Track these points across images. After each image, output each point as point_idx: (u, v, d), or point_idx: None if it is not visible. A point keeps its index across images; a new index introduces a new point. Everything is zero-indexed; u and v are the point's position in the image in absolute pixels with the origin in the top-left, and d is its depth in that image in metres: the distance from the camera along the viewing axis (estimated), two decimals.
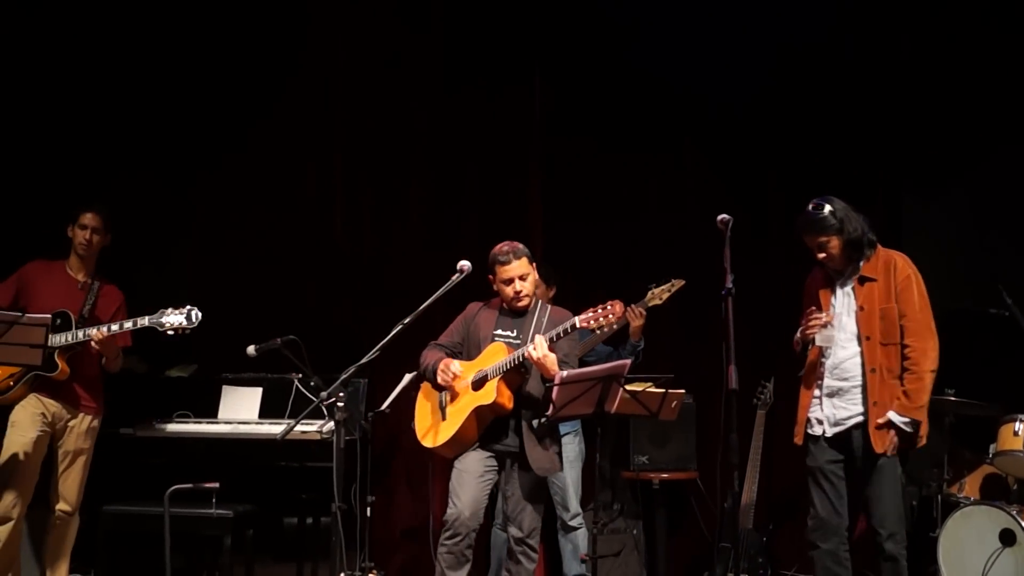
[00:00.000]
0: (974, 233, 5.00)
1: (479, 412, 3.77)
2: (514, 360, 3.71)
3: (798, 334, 3.82)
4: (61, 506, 4.26)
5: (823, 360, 3.76)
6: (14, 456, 4.14)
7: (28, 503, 4.22)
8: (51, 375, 4.17)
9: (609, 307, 3.64)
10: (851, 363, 3.71)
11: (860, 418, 3.69)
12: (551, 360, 3.64)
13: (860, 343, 3.70)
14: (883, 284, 3.70)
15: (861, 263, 3.72)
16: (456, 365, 3.82)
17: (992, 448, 4.40)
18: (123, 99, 5.24)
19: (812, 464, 3.78)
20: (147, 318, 4.14)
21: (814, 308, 3.75)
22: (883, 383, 3.65)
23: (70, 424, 4.27)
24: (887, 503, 3.65)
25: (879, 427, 3.63)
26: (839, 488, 3.73)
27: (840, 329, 3.73)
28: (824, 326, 3.70)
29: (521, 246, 3.88)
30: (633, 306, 4.45)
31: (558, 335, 3.69)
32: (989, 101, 4.94)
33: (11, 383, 4.17)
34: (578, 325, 3.66)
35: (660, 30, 5.12)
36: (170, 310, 4.12)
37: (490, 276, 3.91)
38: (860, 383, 3.69)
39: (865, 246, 3.69)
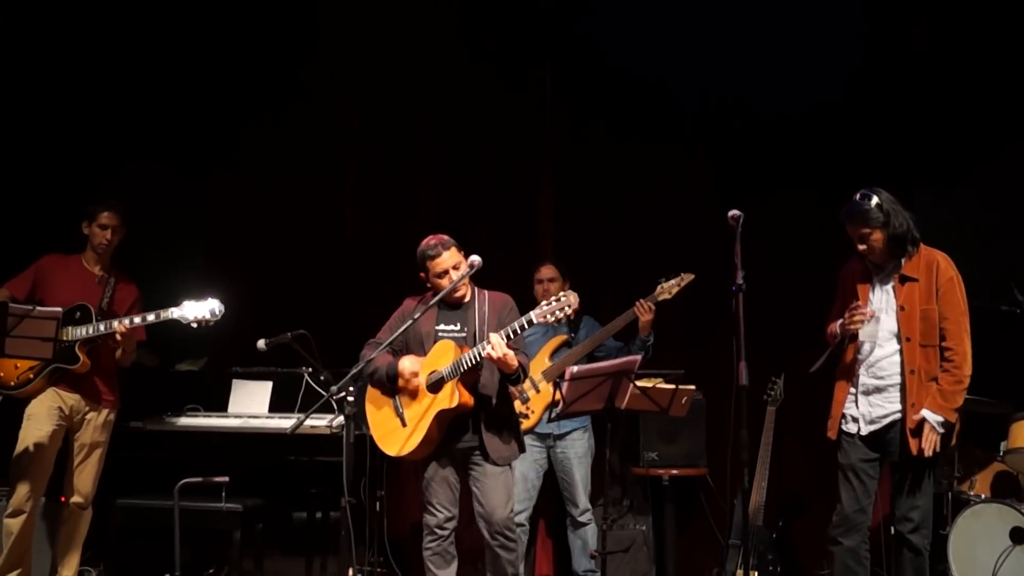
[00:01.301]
0: (986, 230, 4.97)
1: (441, 416, 3.72)
2: (470, 360, 3.65)
3: (836, 326, 3.76)
4: (75, 499, 4.28)
5: (859, 357, 3.73)
6: (30, 449, 4.15)
7: (41, 496, 4.24)
8: (72, 368, 4.19)
9: (563, 298, 3.58)
10: (888, 362, 3.68)
11: (897, 416, 3.66)
12: (511, 356, 3.61)
13: (900, 342, 3.66)
14: (924, 285, 3.65)
15: (903, 260, 3.66)
16: (412, 364, 3.74)
17: (1003, 446, 4.38)
18: (137, 93, 5.25)
19: (844, 461, 3.75)
20: (171, 310, 4.15)
21: (859, 303, 3.69)
22: (921, 385, 3.63)
23: (88, 417, 4.29)
24: (916, 497, 3.64)
25: (914, 428, 3.60)
26: (868, 486, 3.71)
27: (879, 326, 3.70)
28: (869, 320, 3.66)
29: (447, 237, 3.83)
30: (642, 301, 4.44)
31: (514, 331, 3.62)
32: (1001, 99, 4.91)
33: (31, 376, 4.18)
34: (535, 321, 3.61)
35: (672, 25, 5.10)
36: (193, 302, 4.14)
37: (422, 274, 3.84)
38: (898, 382, 3.66)
39: (908, 243, 3.62)
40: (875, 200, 3.60)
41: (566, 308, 3.57)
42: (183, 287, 4.34)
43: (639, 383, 3.78)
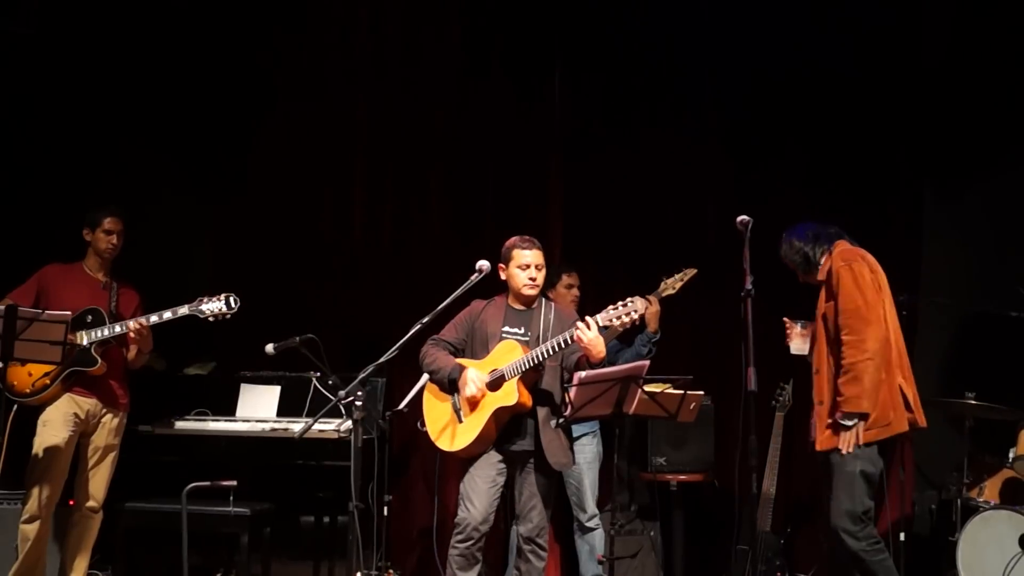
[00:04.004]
0: (995, 235, 4.97)
1: (499, 413, 3.76)
2: (534, 359, 3.70)
3: None
4: (89, 503, 4.28)
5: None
6: (46, 456, 4.15)
7: (56, 502, 4.24)
8: (90, 370, 4.20)
9: (631, 303, 3.63)
10: None
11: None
12: (601, 341, 3.65)
13: None
14: (825, 287, 3.78)
15: (817, 276, 3.82)
16: (478, 376, 3.77)
17: (1012, 452, 4.36)
18: (144, 93, 5.22)
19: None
20: (186, 306, 4.17)
21: (786, 319, 3.88)
22: (827, 383, 3.73)
23: (103, 420, 4.30)
24: (838, 500, 3.68)
25: (828, 427, 3.71)
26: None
27: None
28: (802, 336, 3.83)
29: (537, 242, 3.91)
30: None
31: (602, 327, 3.67)
32: (1012, 104, 4.90)
33: (47, 382, 4.18)
34: (601, 323, 3.65)
35: (681, 21, 5.09)
36: (207, 298, 4.16)
37: (501, 265, 3.90)
38: None
39: (803, 268, 3.81)
40: (783, 237, 3.87)
41: (633, 313, 3.61)
42: (190, 291, 4.34)
43: (647, 388, 3.77)
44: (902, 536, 4.54)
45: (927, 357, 4.90)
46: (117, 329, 4.18)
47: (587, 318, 3.65)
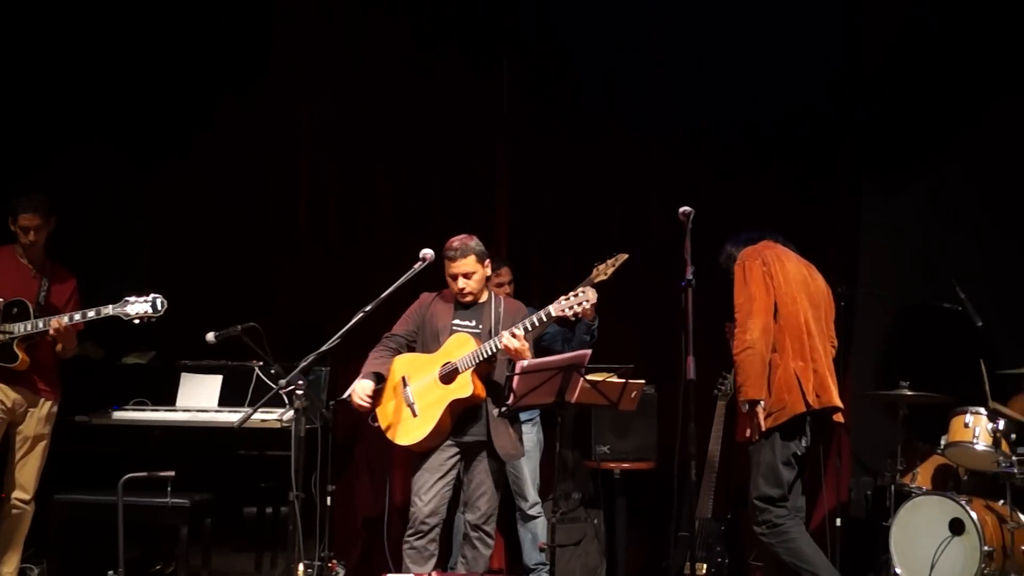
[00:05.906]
0: (931, 228, 5.09)
1: (454, 405, 3.78)
2: (488, 350, 3.73)
3: None
4: (18, 495, 4.18)
5: None
6: None
7: None
8: (11, 366, 4.09)
9: (581, 294, 3.68)
10: None
11: None
12: (526, 349, 3.70)
13: None
14: None
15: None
16: (361, 388, 3.80)
17: (944, 439, 4.48)
18: (87, 80, 5.12)
19: None
20: (111, 307, 4.07)
21: (728, 324, 4.04)
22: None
23: (31, 410, 4.21)
24: (751, 486, 3.91)
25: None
26: None
27: None
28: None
29: (472, 243, 3.87)
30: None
31: (532, 324, 3.72)
32: (948, 102, 5.02)
33: None
34: (554, 314, 3.70)
35: (627, 16, 5.11)
36: (133, 298, 4.07)
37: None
38: None
39: (728, 269, 4.00)
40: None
41: (584, 304, 3.67)
42: (130, 277, 4.26)
43: (589, 377, 3.79)
44: (838, 521, 4.65)
45: (865, 347, 5.02)
46: (40, 325, 4.07)
47: (514, 329, 3.68)
